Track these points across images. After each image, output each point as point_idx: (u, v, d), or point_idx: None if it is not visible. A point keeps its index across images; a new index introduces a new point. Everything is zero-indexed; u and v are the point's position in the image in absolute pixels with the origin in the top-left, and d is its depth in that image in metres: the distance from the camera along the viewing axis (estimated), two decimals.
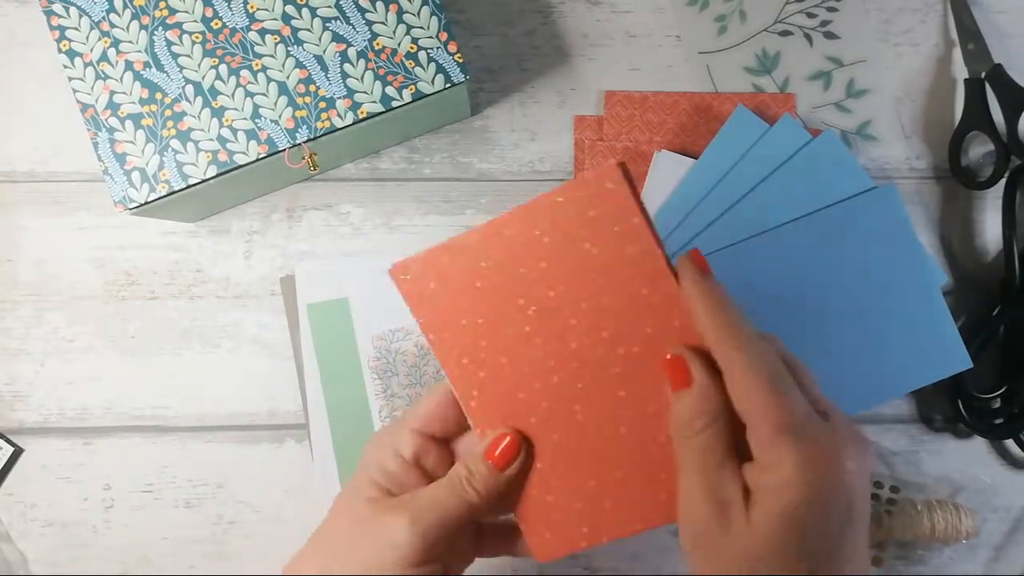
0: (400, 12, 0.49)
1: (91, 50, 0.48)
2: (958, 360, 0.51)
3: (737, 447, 0.29)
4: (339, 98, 0.48)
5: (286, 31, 0.49)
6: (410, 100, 0.48)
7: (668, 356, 0.31)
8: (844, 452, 0.28)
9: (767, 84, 0.57)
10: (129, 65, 0.48)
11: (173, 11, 0.48)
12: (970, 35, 0.56)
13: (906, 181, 0.57)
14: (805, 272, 0.52)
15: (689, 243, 0.53)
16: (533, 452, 0.35)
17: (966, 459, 0.54)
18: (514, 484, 0.35)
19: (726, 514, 0.28)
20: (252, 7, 0.49)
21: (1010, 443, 0.54)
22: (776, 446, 0.27)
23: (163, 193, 0.48)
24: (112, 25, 0.48)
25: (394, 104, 0.48)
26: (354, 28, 0.49)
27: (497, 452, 0.34)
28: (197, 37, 0.48)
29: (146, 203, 0.48)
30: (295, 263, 0.56)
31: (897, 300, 0.52)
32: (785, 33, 0.58)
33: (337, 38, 0.49)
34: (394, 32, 0.49)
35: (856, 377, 0.51)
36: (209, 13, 0.48)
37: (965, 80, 0.56)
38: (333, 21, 0.49)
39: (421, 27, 0.49)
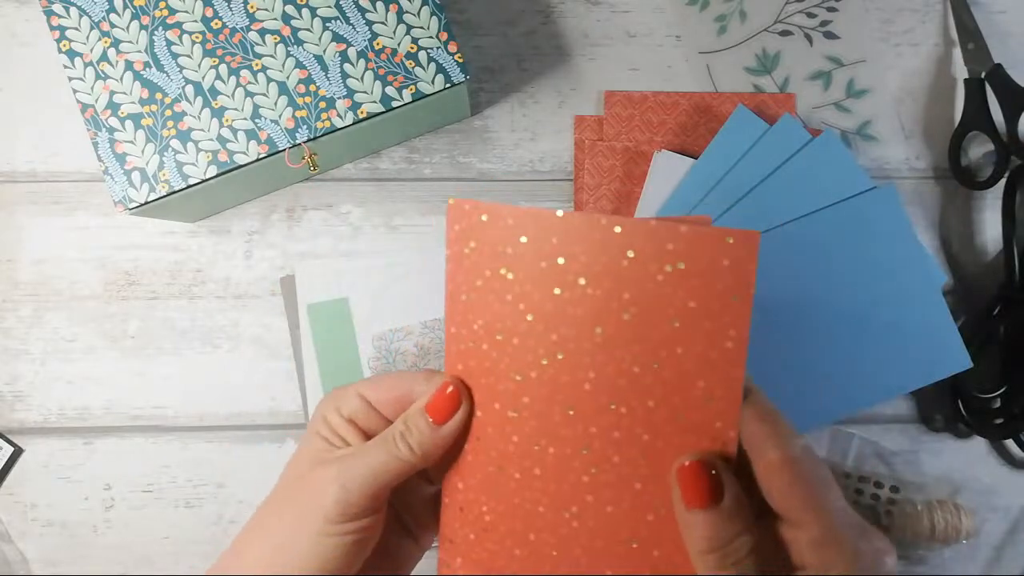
0: (400, 12, 0.49)
1: (91, 50, 0.48)
2: (958, 360, 0.51)
3: None
4: (339, 98, 0.48)
5: (286, 31, 0.49)
6: (410, 100, 0.48)
7: (688, 463, 0.26)
8: (887, 559, 0.27)
9: (767, 84, 0.57)
10: (129, 65, 0.48)
11: (173, 11, 0.48)
12: (970, 35, 0.56)
13: (906, 181, 0.57)
14: (805, 272, 0.52)
15: None
16: (476, 420, 0.31)
17: (966, 459, 0.54)
18: (453, 450, 0.31)
19: None
20: (252, 7, 0.49)
21: (1010, 443, 0.54)
22: (830, 547, 0.26)
23: (163, 193, 0.48)
24: (112, 25, 0.48)
25: (394, 104, 0.48)
26: (354, 28, 0.49)
27: (435, 403, 0.31)
28: (197, 37, 0.48)
29: (146, 203, 0.48)
30: (295, 263, 0.56)
31: (897, 300, 0.52)
32: (785, 33, 0.58)
33: (337, 38, 0.49)
34: (394, 32, 0.49)
35: (856, 377, 0.52)
36: (209, 13, 0.48)
37: (965, 80, 0.56)
38: (333, 21, 0.49)
39: (421, 27, 0.49)
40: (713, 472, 0.26)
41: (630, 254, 0.26)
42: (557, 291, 0.28)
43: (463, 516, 0.31)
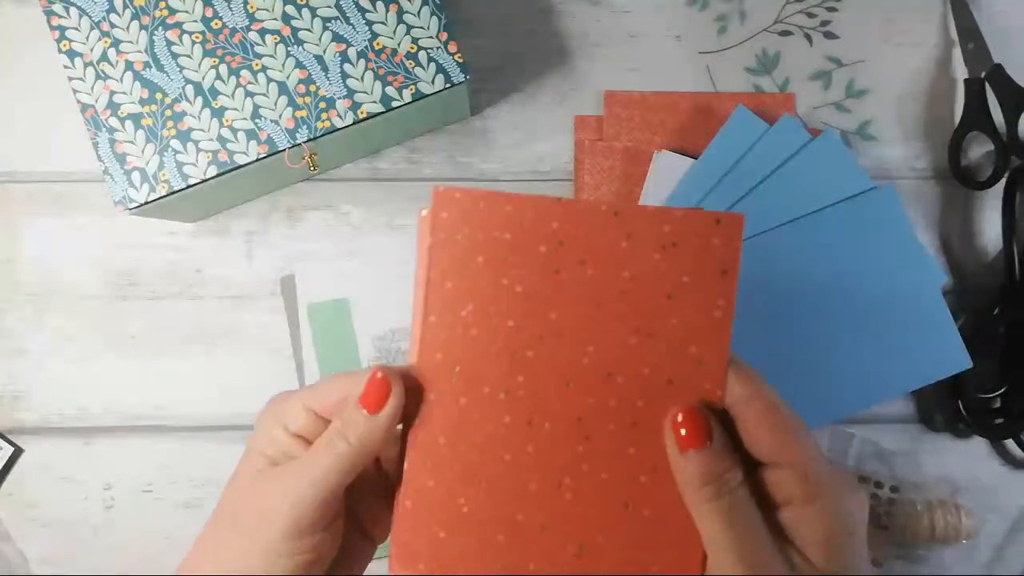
0: (400, 12, 0.49)
1: (91, 50, 0.48)
2: (958, 360, 0.51)
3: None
4: (339, 98, 0.48)
5: (286, 31, 0.49)
6: (410, 100, 0.48)
7: (680, 413, 0.29)
8: (854, 484, 0.29)
9: (767, 84, 0.57)
10: (129, 65, 0.48)
11: (173, 11, 0.48)
12: (970, 35, 0.56)
13: (906, 181, 0.57)
14: (805, 272, 0.52)
15: None
16: (429, 405, 0.30)
17: (966, 459, 0.54)
18: (391, 435, 0.31)
19: (789, 559, 0.28)
20: (252, 7, 0.49)
21: (1010, 443, 0.54)
22: (815, 481, 0.28)
23: (163, 193, 0.48)
24: (112, 25, 0.48)
25: (394, 104, 0.48)
26: (354, 28, 0.49)
27: (367, 392, 0.30)
28: (197, 37, 0.48)
29: (146, 203, 0.48)
30: (295, 263, 0.56)
31: (897, 300, 0.52)
32: (785, 33, 0.58)
33: (337, 38, 0.49)
34: (394, 32, 0.49)
35: (856, 377, 0.52)
36: (209, 13, 0.48)
37: (965, 80, 0.56)
38: (333, 21, 0.49)
39: (421, 27, 0.49)
40: (702, 416, 0.28)
41: (624, 241, 0.29)
42: (557, 272, 0.30)
43: (431, 514, 0.31)
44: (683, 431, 0.28)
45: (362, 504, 0.34)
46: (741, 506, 0.28)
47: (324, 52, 0.49)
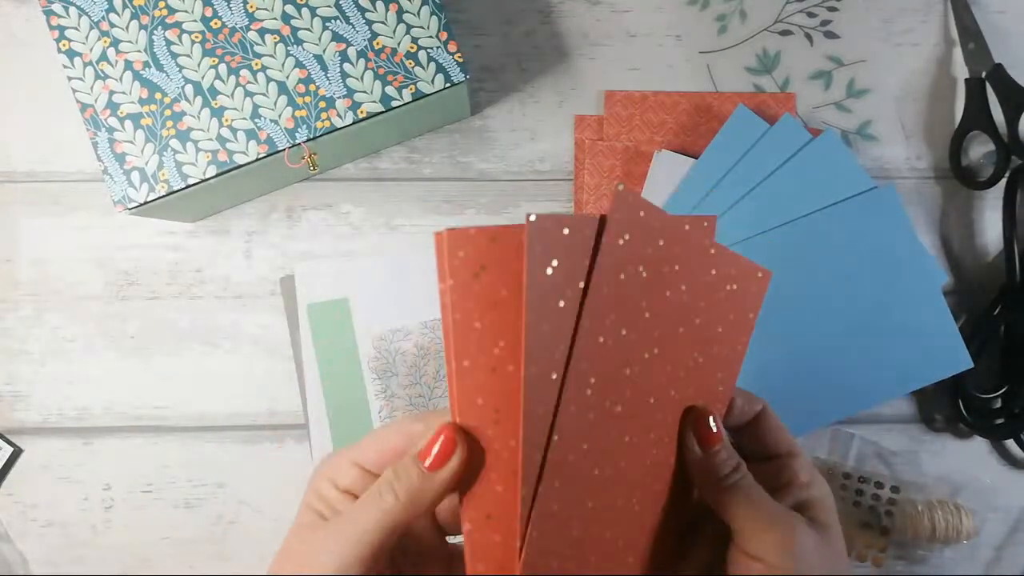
0: (400, 12, 0.49)
1: (90, 50, 0.48)
2: (959, 360, 0.51)
3: None
4: (339, 98, 0.48)
5: (286, 31, 0.49)
6: (410, 100, 0.48)
7: (697, 418, 0.33)
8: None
9: (767, 84, 0.57)
10: (128, 65, 0.48)
11: (172, 11, 0.48)
12: (970, 35, 0.56)
13: (906, 181, 0.57)
14: (806, 272, 0.52)
15: None
16: (480, 454, 0.30)
17: (966, 459, 0.54)
18: (452, 491, 0.30)
19: (814, 520, 0.32)
20: (252, 7, 0.49)
21: (1010, 443, 0.54)
22: (807, 466, 0.34)
23: (162, 193, 0.48)
24: (112, 25, 0.48)
25: (394, 104, 0.48)
26: (354, 28, 0.49)
27: (433, 449, 0.29)
28: (196, 37, 0.48)
29: (146, 203, 0.48)
30: (295, 263, 0.56)
31: (898, 300, 0.52)
32: (785, 33, 0.58)
33: (337, 38, 0.49)
34: (394, 32, 0.49)
35: (857, 377, 0.51)
36: (209, 13, 0.48)
37: (965, 80, 0.56)
38: (333, 21, 0.49)
39: (421, 27, 0.49)
40: (717, 422, 0.33)
41: (713, 272, 0.33)
42: (668, 293, 0.32)
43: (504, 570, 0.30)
44: (706, 431, 0.33)
45: (414, 562, 0.33)
46: (753, 485, 0.32)
47: (324, 52, 0.49)
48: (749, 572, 0.31)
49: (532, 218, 0.27)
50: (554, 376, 0.29)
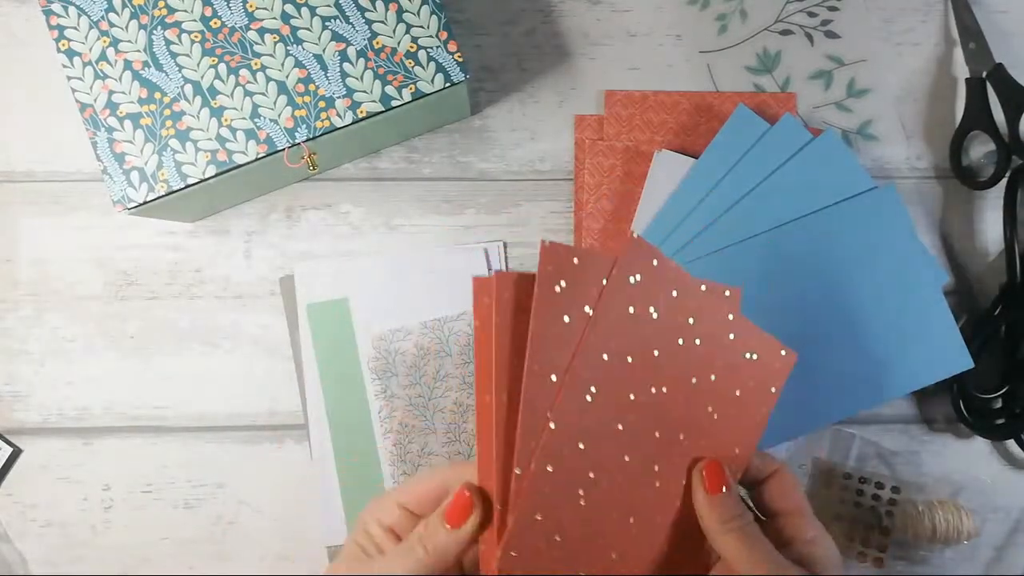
0: (400, 11, 0.48)
1: (90, 49, 0.48)
2: (959, 360, 0.51)
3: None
4: (338, 97, 0.48)
5: (285, 30, 0.48)
6: (410, 99, 0.48)
7: (706, 463, 0.36)
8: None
9: (768, 83, 0.57)
10: (128, 64, 0.48)
11: (172, 10, 0.48)
12: (971, 34, 0.55)
13: (907, 181, 0.56)
14: (806, 272, 0.52)
15: (690, 243, 0.53)
16: (495, 514, 0.33)
17: (967, 459, 0.54)
18: (474, 542, 0.34)
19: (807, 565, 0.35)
20: (251, 6, 0.48)
21: (1011, 443, 0.54)
22: (819, 528, 0.36)
23: (162, 193, 0.48)
24: (111, 24, 0.48)
25: (394, 103, 0.48)
26: (354, 27, 0.49)
27: (453, 508, 0.33)
28: (196, 36, 0.48)
29: (145, 203, 0.48)
30: (294, 263, 0.56)
31: (898, 300, 0.52)
32: (786, 32, 0.58)
33: (337, 37, 0.49)
34: (394, 31, 0.49)
35: (857, 377, 0.51)
36: (208, 12, 0.48)
37: (966, 80, 0.56)
38: (332, 20, 0.49)
39: (421, 26, 0.49)
40: (723, 471, 0.35)
41: (731, 336, 0.36)
42: (680, 341, 0.36)
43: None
44: (713, 477, 0.36)
45: None
46: (754, 532, 0.35)
47: (323, 51, 0.48)
48: None
49: (547, 243, 0.31)
50: (553, 378, 0.32)
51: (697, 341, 0.36)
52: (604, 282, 0.33)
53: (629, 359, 0.34)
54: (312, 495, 0.54)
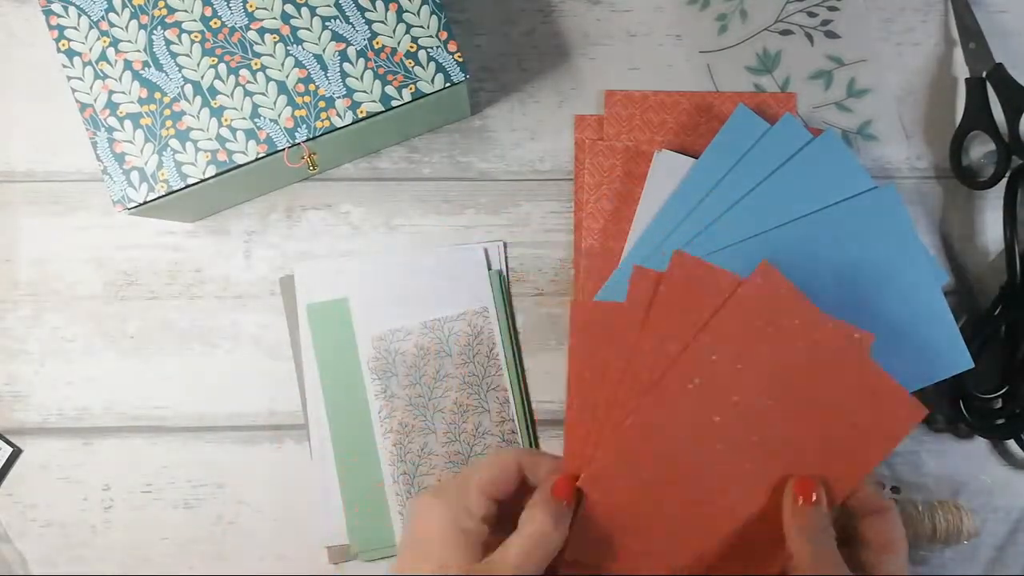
0: (400, 11, 0.48)
1: (90, 49, 0.48)
2: (959, 360, 0.51)
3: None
4: (338, 97, 0.48)
5: (285, 30, 0.48)
6: (410, 99, 0.48)
7: (803, 479, 0.39)
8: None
9: (768, 83, 0.57)
10: (128, 64, 0.48)
11: (172, 10, 0.48)
12: (971, 34, 0.55)
13: (907, 181, 0.56)
14: (805, 272, 0.52)
15: (690, 243, 0.53)
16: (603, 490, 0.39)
17: (967, 459, 0.54)
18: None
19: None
20: (251, 6, 0.48)
21: (1011, 443, 0.54)
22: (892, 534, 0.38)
23: (162, 193, 0.48)
24: (111, 24, 0.48)
25: (394, 103, 0.48)
26: (354, 27, 0.49)
27: (561, 487, 0.38)
28: (196, 36, 0.48)
29: (145, 203, 0.48)
30: (294, 263, 0.56)
31: (898, 300, 0.51)
32: (786, 32, 0.58)
33: (337, 37, 0.49)
34: (394, 31, 0.49)
35: None
36: (208, 12, 0.48)
37: (966, 79, 0.56)
38: (332, 20, 0.49)
39: (421, 26, 0.49)
40: (820, 487, 0.38)
41: (854, 378, 0.39)
42: (797, 366, 0.39)
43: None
44: (802, 488, 0.38)
45: None
46: (830, 544, 0.37)
47: (323, 51, 0.48)
48: None
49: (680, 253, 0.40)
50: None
51: (817, 372, 0.39)
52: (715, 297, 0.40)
53: (739, 366, 0.39)
54: (312, 495, 0.54)
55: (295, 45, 0.48)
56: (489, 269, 0.55)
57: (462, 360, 0.54)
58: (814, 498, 0.38)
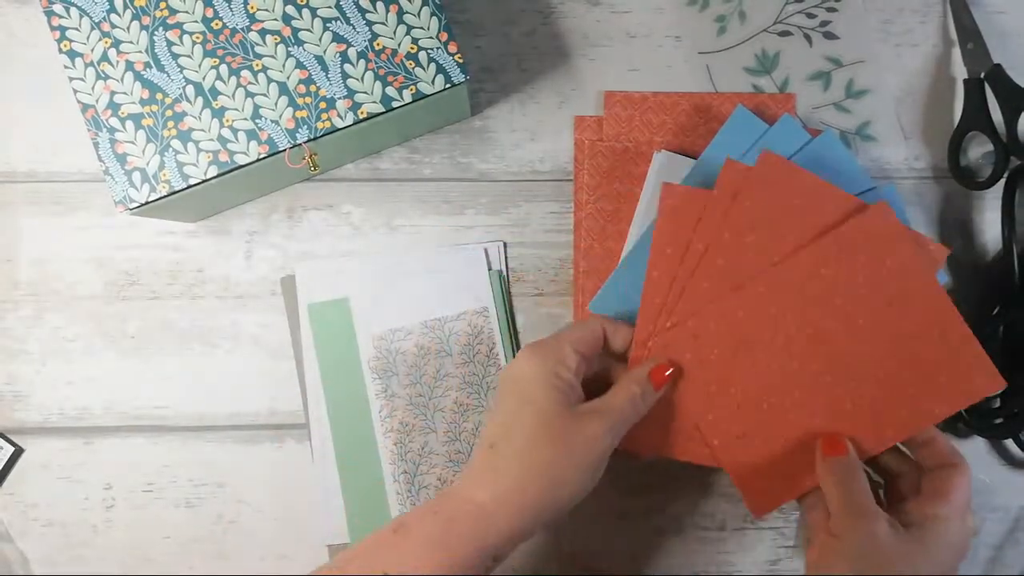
0: (400, 12, 0.49)
1: (92, 50, 0.48)
2: None
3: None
4: (339, 98, 0.48)
5: (286, 31, 0.49)
6: (410, 100, 0.48)
7: (830, 437, 0.44)
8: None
9: (767, 84, 0.57)
10: (130, 65, 0.48)
11: (173, 11, 0.48)
12: (969, 35, 0.56)
13: (906, 181, 0.57)
14: None
15: None
16: (690, 377, 0.46)
17: (966, 458, 0.54)
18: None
19: (893, 523, 0.41)
20: (252, 7, 0.49)
21: (1009, 443, 0.54)
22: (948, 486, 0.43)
23: (164, 193, 0.48)
24: (113, 25, 0.48)
25: (394, 104, 0.48)
26: (354, 28, 0.49)
27: (663, 374, 0.45)
28: (198, 37, 0.48)
29: (147, 203, 0.48)
30: (295, 263, 0.56)
31: None
32: (785, 33, 0.58)
33: (337, 38, 0.49)
34: (394, 32, 0.49)
35: None
36: (209, 13, 0.48)
37: (964, 80, 0.56)
38: (333, 21, 0.49)
39: (421, 27, 0.49)
40: (844, 441, 0.44)
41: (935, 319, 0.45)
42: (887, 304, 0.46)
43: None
44: (827, 444, 0.44)
45: None
46: (849, 474, 0.42)
47: (324, 52, 0.49)
48: (827, 546, 0.41)
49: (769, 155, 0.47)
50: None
51: (906, 316, 0.44)
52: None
53: (832, 291, 0.44)
54: (313, 494, 0.54)
55: (296, 46, 0.49)
56: (489, 269, 0.56)
57: (462, 360, 0.55)
58: (843, 449, 0.43)
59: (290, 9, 0.49)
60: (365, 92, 0.48)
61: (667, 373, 0.45)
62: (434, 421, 0.54)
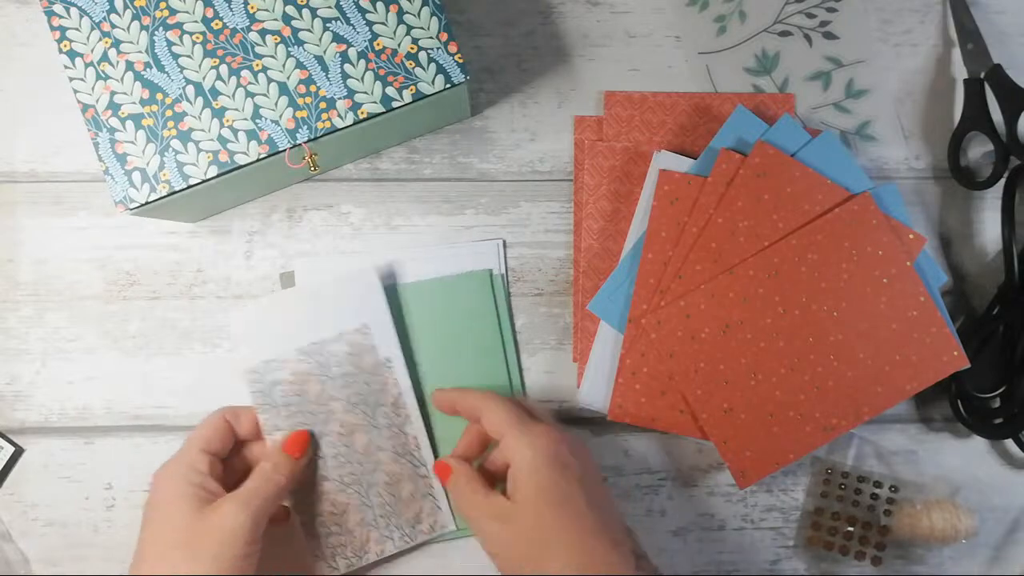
0: (400, 12, 0.49)
1: (92, 50, 0.48)
2: (956, 360, 0.51)
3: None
4: (339, 98, 0.49)
5: (287, 31, 0.49)
6: (410, 100, 0.48)
7: (438, 465, 0.47)
8: (553, 435, 0.44)
9: (766, 84, 0.57)
10: (130, 65, 0.48)
11: (174, 11, 0.48)
12: (969, 35, 0.56)
13: (905, 181, 0.57)
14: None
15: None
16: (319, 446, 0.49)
17: (965, 459, 0.55)
18: (305, 471, 0.49)
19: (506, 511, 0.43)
20: (253, 7, 0.49)
21: (1009, 443, 0.54)
22: (512, 437, 0.44)
23: (164, 193, 0.48)
24: (113, 25, 0.48)
25: (394, 104, 0.48)
26: (354, 28, 0.49)
27: (297, 443, 0.48)
28: (198, 37, 0.48)
29: (147, 203, 0.48)
30: (295, 263, 0.56)
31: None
32: (784, 33, 0.58)
33: (337, 38, 0.49)
34: (394, 32, 0.49)
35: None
36: (210, 13, 0.49)
37: (964, 80, 0.56)
38: (333, 22, 0.49)
39: (421, 27, 0.49)
40: (450, 467, 0.47)
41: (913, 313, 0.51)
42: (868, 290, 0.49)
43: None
44: (441, 475, 0.48)
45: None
46: (462, 487, 0.45)
47: (324, 52, 0.49)
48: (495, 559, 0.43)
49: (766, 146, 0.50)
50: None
51: (882, 299, 0.49)
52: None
53: (816, 274, 0.48)
54: None
55: (296, 46, 0.49)
56: (491, 272, 0.56)
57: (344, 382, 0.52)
58: (451, 476, 0.45)
59: (290, 9, 0.49)
60: (365, 92, 0.49)
61: (301, 441, 0.48)
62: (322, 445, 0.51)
